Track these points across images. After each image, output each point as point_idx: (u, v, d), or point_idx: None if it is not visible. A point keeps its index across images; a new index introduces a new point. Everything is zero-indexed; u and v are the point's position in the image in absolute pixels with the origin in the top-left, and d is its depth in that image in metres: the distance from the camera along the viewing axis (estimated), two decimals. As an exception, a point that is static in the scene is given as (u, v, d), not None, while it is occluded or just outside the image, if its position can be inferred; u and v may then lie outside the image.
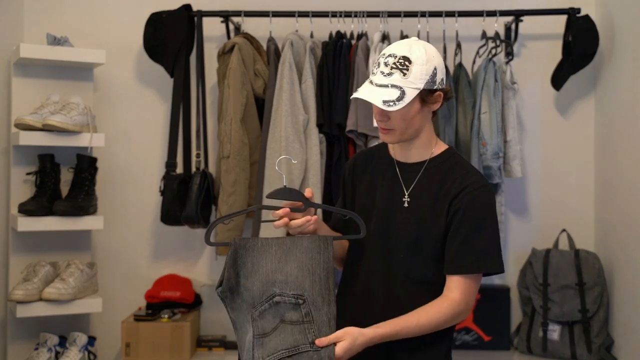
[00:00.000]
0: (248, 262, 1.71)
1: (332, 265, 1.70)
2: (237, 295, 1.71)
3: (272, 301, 1.68)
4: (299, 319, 1.66)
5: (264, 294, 1.69)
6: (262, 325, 1.68)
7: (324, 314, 1.66)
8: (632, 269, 2.60)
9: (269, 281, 1.69)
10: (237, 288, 1.71)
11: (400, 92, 1.71)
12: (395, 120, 1.76)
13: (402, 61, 1.72)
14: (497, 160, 2.72)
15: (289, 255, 1.70)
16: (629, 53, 2.69)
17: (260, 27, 2.94)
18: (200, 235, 3.07)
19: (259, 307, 1.69)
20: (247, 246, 1.71)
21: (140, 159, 3.09)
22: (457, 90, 2.78)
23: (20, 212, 2.64)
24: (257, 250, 1.71)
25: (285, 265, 1.69)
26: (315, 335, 1.64)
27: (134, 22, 2.97)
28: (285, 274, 1.68)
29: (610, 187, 2.85)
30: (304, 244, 1.71)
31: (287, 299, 1.67)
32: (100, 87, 3.06)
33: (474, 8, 2.83)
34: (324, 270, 1.69)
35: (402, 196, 1.83)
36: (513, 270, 3.03)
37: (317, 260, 1.69)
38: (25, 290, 2.58)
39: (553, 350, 2.77)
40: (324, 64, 2.76)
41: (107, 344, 2.99)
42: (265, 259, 1.70)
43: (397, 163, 1.87)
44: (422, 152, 1.85)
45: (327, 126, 2.74)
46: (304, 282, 1.67)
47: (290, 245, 1.71)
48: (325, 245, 1.71)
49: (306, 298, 1.67)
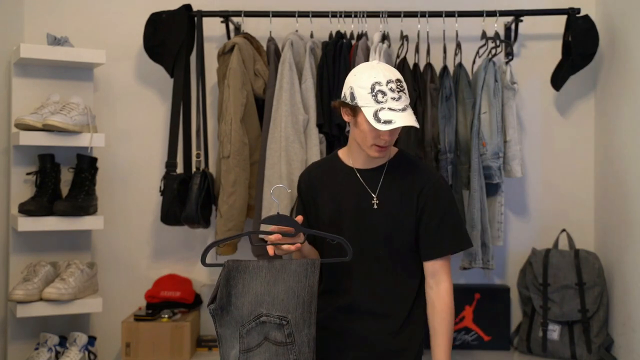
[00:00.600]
0: (239, 283, 1.85)
1: (316, 289, 1.85)
2: (227, 313, 1.85)
3: (258, 320, 1.83)
4: (282, 339, 1.82)
5: (252, 314, 1.83)
6: (248, 341, 1.83)
7: (304, 335, 1.82)
8: (632, 269, 2.60)
9: (257, 302, 1.83)
10: (228, 307, 1.84)
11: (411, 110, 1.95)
12: (393, 137, 1.97)
13: (401, 85, 1.95)
14: (497, 160, 2.72)
15: (278, 278, 1.84)
16: (629, 53, 2.69)
17: (260, 27, 2.94)
18: (200, 235, 3.08)
19: (246, 325, 1.83)
20: (239, 268, 1.86)
21: (140, 159, 3.09)
22: (457, 90, 2.78)
23: (21, 212, 2.64)
24: (248, 272, 1.85)
25: (273, 288, 1.84)
26: (296, 356, 1.81)
27: (134, 22, 2.97)
28: (272, 296, 1.83)
29: (610, 187, 2.85)
30: (292, 268, 1.85)
31: (272, 319, 1.82)
32: (100, 87, 3.06)
33: (474, 8, 2.83)
34: (308, 294, 1.83)
35: (371, 199, 2.03)
36: (513, 270, 3.03)
37: (303, 283, 1.84)
38: (26, 290, 2.59)
39: (553, 350, 2.77)
40: (324, 64, 2.76)
41: (107, 344, 3.00)
42: (256, 281, 1.85)
43: (358, 170, 2.07)
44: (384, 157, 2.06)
45: (327, 126, 2.75)
46: (289, 305, 1.82)
47: (280, 269, 1.85)
48: (312, 269, 1.85)
49: (289, 320, 1.82)
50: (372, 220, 2.02)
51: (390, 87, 1.91)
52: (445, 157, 2.72)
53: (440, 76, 2.77)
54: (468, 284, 2.98)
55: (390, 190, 2.03)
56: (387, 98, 1.90)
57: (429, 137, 2.73)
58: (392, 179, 2.04)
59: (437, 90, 2.75)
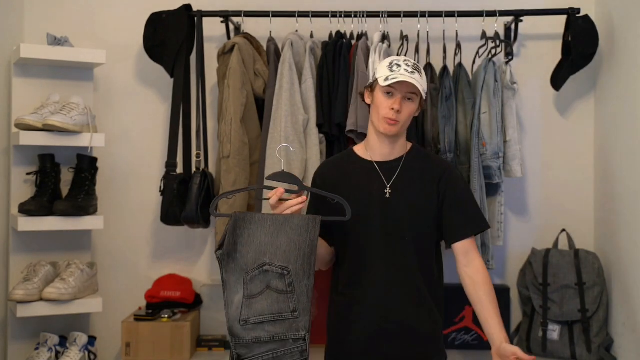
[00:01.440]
0: (245, 232, 1.95)
1: (317, 243, 1.95)
2: (233, 260, 1.95)
3: (262, 269, 1.93)
4: (283, 288, 1.92)
5: (256, 262, 1.94)
6: (251, 288, 1.93)
7: (304, 286, 1.93)
8: (632, 268, 2.60)
9: (261, 251, 1.94)
10: (234, 254, 1.94)
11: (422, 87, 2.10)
12: (404, 114, 2.10)
13: (416, 67, 2.11)
14: (497, 160, 2.72)
15: (281, 230, 1.95)
16: (628, 53, 2.69)
17: (260, 27, 2.94)
18: (200, 235, 3.08)
19: (250, 273, 1.93)
20: (245, 219, 1.97)
21: (140, 159, 3.09)
22: (457, 90, 2.79)
23: (21, 212, 2.64)
24: (254, 223, 1.96)
25: (276, 239, 1.94)
26: (295, 305, 1.92)
27: (134, 22, 2.97)
28: (275, 247, 1.94)
29: (610, 187, 2.85)
30: (295, 222, 1.96)
31: (274, 269, 1.93)
32: (101, 87, 3.06)
33: (474, 8, 2.83)
34: (309, 247, 1.93)
35: (384, 188, 2.14)
36: (513, 270, 3.03)
37: (305, 237, 1.94)
38: (26, 290, 2.59)
39: (553, 350, 2.78)
40: (324, 64, 2.76)
41: (107, 344, 3.00)
42: (260, 232, 1.95)
43: (376, 163, 2.19)
44: (400, 149, 2.20)
45: (327, 126, 2.75)
46: (290, 256, 1.93)
47: (283, 222, 1.96)
48: (314, 225, 1.95)
49: (290, 270, 1.92)
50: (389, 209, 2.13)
51: (406, 63, 2.10)
52: (445, 157, 2.72)
53: (440, 76, 2.77)
54: (468, 284, 2.98)
55: (405, 181, 2.15)
56: (402, 70, 2.08)
57: (429, 137, 2.73)
58: (408, 170, 2.17)
59: (437, 90, 2.75)
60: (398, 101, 2.08)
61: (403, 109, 2.09)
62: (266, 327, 1.92)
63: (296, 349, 1.93)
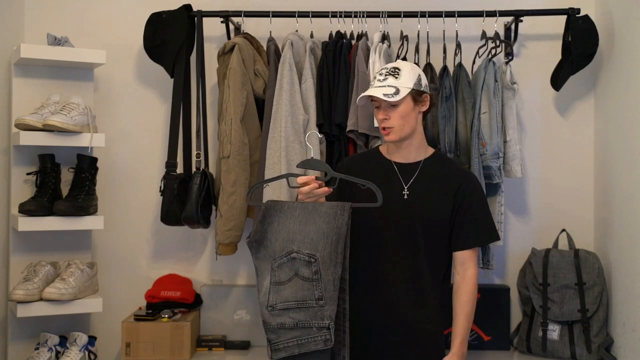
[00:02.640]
0: (275, 221, 2.01)
1: (345, 230, 1.97)
2: (262, 247, 2.01)
3: (289, 256, 1.98)
4: (310, 276, 1.95)
5: (284, 250, 1.98)
6: (279, 275, 1.97)
7: (330, 274, 1.94)
8: (632, 268, 2.60)
9: (289, 239, 1.98)
10: (263, 241, 2.01)
11: (395, 89, 2.15)
12: (394, 118, 2.16)
13: (393, 70, 2.19)
14: (497, 160, 2.72)
15: (309, 218, 1.98)
16: (628, 53, 2.69)
17: (260, 27, 2.95)
18: (200, 235, 3.08)
19: (278, 260, 1.98)
20: (276, 207, 2.02)
21: (140, 159, 3.09)
22: (457, 90, 2.78)
23: (21, 212, 2.64)
24: (283, 212, 2.01)
25: (305, 227, 1.98)
26: (321, 293, 1.93)
27: (134, 22, 2.97)
28: (303, 235, 1.97)
29: (610, 187, 2.85)
30: (323, 210, 1.99)
31: (302, 256, 1.96)
32: (101, 87, 3.06)
33: (473, 8, 2.83)
34: (336, 234, 1.96)
35: (402, 190, 2.19)
36: (513, 270, 3.03)
37: (332, 225, 1.97)
38: (26, 290, 2.59)
39: (553, 350, 2.78)
40: (324, 64, 2.76)
41: (108, 344, 3.00)
42: (290, 220, 2.00)
43: (395, 164, 2.25)
44: (418, 152, 2.26)
45: (327, 126, 2.75)
46: (318, 244, 1.96)
47: (312, 210, 2.00)
48: (342, 212, 1.98)
49: (317, 258, 1.95)
50: (406, 210, 2.18)
51: (380, 72, 2.21)
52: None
53: (440, 76, 2.77)
54: (468, 283, 2.98)
55: (423, 184, 2.21)
56: (375, 81, 2.21)
57: (429, 137, 2.72)
58: (426, 174, 2.23)
59: (437, 91, 2.75)
60: (382, 111, 2.18)
61: (390, 115, 2.17)
62: (291, 313, 1.95)
63: (320, 337, 1.94)
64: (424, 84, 2.22)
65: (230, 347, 2.91)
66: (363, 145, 2.74)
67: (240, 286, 3.04)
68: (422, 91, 2.20)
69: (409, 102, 2.17)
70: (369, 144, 2.71)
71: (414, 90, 2.18)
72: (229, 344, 2.92)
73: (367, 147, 2.71)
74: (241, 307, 2.98)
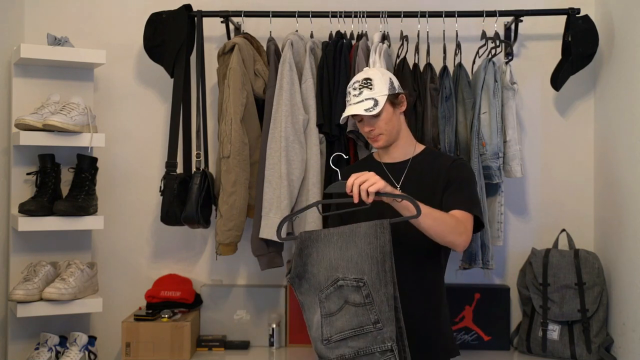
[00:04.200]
0: (313, 252, 1.94)
1: (389, 247, 1.88)
2: (305, 281, 1.95)
3: (336, 285, 1.91)
4: (361, 300, 1.87)
5: (329, 279, 1.92)
6: (329, 306, 1.91)
7: (382, 295, 1.87)
8: (632, 268, 2.60)
9: (332, 267, 1.92)
10: (305, 275, 1.94)
11: (373, 101, 2.17)
12: (380, 126, 2.20)
13: (365, 82, 2.20)
14: (497, 160, 2.72)
15: (349, 242, 1.91)
16: (628, 53, 2.69)
17: (260, 27, 2.95)
18: (200, 235, 3.08)
19: (325, 291, 1.92)
20: (312, 238, 1.95)
21: (140, 159, 3.09)
22: (456, 90, 2.78)
23: (21, 212, 2.64)
24: (321, 241, 1.94)
25: (346, 252, 1.91)
26: (377, 316, 1.86)
27: (134, 22, 2.97)
28: (346, 260, 1.90)
29: (610, 187, 2.85)
30: (361, 231, 1.91)
31: (349, 282, 1.89)
32: (101, 87, 3.06)
33: (473, 8, 2.83)
34: (381, 253, 1.88)
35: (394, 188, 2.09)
36: (513, 270, 3.03)
37: (374, 244, 1.89)
38: (26, 290, 2.59)
39: (553, 350, 2.78)
40: (324, 64, 2.76)
41: (108, 344, 3.00)
42: (329, 248, 1.93)
43: (384, 164, 2.28)
44: (406, 150, 2.28)
45: (327, 126, 2.75)
46: (364, 266, 1.89)
47: (350, 234, 1.92)
48: (382, 230, 1.89)
49: (366, 281, 1.88)
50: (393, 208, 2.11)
51: (353, 87, 2.22)
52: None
53: (440, 76, 2.77)
54: (468, 284, 2.98)
55: (413, 181, 2.21)
56: (351, 97, 2.22)
57: (429, 137, 2.73)
58: (416, 170, 2.23)
59: (437, 91, 2.75)
60: (366, 124, 2.22)
61: (375, 125, 2.20)
62: (349, 342, 1.88)
63: None
64: (396, 86, 2.25)
65: (230, 347, 2.91)
66: (363, 145, 2.74)
67: (240, 286, 3.04)
68: (397, 93, 2.23)
69: (388, 108, 2.20)
70: (369, 145, 2.71)
71: (390, 95, 2.20)
72: (229, 344, 2.92)
73: (368, 147, 2.71)
74: (241, 307, 2.98)
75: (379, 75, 2.22)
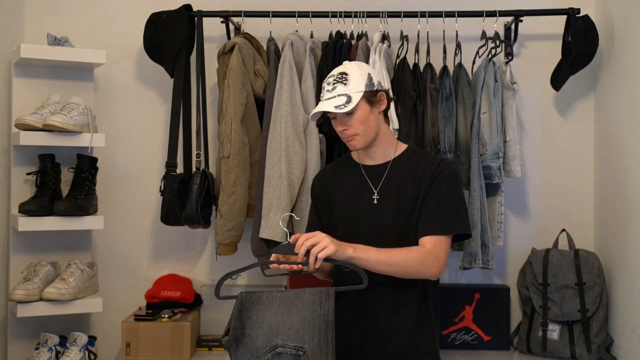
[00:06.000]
0: (253, 314, 1.83)
1: (332, 317, 1.80)
2: (242, 344, 1.82)
3: (274, 352, 1.80)
4: None
5: (267, 345, 1.80)
6: None
7: None
8: (632, 268, 2.60)
9: (272, 332, 1.81)
10: (242, 338, 1.82)
11: (346, 97, 1.99)
12: (354, 125, 2.01)
13: (340, 76, 2.03)
14: (497, 160, 2.72)
15: (292, 307, 1.81)
16: (628, 53, 2.69)
17: (260, 27, 2.94)
18: (200, 235, 3.08)
19: (262, 357, 1.81)
20: (252, 299, 1.84)
21: (140, 159, 3.09)
22: (457, 90, 2.79)
23: (21, 212, 2.64)
24: (262, 303, 1.83)
25: (287, 318, 1.81)
26: None
27: (134, 22, 2.97)
28: (287, 326, 1.80)
29: (610, 187, 2.85)
30: (306, 297, 1.82)
31: (288, 350, 1.79)
32: (101, 87, 3.06)
33: (473, 8, 2.83)
34: (324, 322, 1.79)
35: (372, 194, 2.06)
36: (513, 270, 3.03)
37: (318, 312, 1.80)
38: (26, 290, 2.59)
39: (553, 350, 2.78)
40: (324, 64, 2.76)
41: (108, 344, 3.00)
42: (270, 312, 1.82)
43: (363, 167, 2.12)
44: (385, 152, 2.10)
45: (327, 126, 2.74)
46: (305, 334, 1.79)
47: (293, 298, 1.82)
48: (327, 297, 1.81)
49: (306, 350, 1.79)
50: (376, 216, 2.04)
51: (328, 82, 2.04)
52: (445, 157, 2.72)
53: (440, 76, 2.77)
54: (468, 284, 2.98)
55: (392, 186, 2.06)
56: (324, 92, 2.04)
57: (429, 137, 2.73)
58: (396, 173, 2.07)
59: (437, 90, 2.75)
60: (339, 121, 2.04)
61: (349, 124, 2.01)
62: None
63: None
64: (376, 82, 2.04)
65: (230, 347, 2.91)
66: (363, 145, 2.74)
67: (241, 286, 3.03)
68: (375, 90, 2.03)
69: (364, 106, 2.01)
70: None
71: (367, 92, 2.01)
72: (229, 344, 2.92)
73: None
74: (241, 307, 2.98)
75: (356, 70, 2.03)
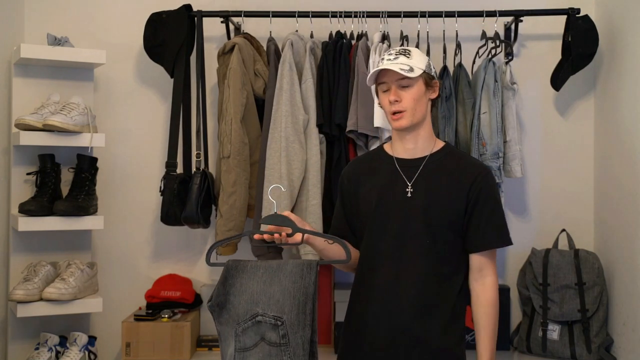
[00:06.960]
0: (237, 282, 1.87)
1: (313, 290, 1.84)
2: (225, 310, 1.86)
3: (254, 320, 1.84)
4: (277, 340, 1.82)
5: (248, 313, 1.84)
6: (244, 340, 1.85)
7: (299, 337, 1.81)
8: (632, 268, 2.60)
9: (253, 301, 1.85)
10: (225, 304, 1.86)
11: (409, 67, 1.97)
12: (407, 100, 1.98)
13: (403, 50, 2.02)
14: (497, 160, 2.72)
15: (274, 278, 1.85)
16: (629, 53, 2.69)
17: (260, 27, 2.95)
18: (200, 235, 3.07)
19: (242, 324, 1.85)
20: (238, 267, 1.89)
21: (140, 159, 3.09)
22: (457, 90, 2.79)
23: (21, 212, 2.64)
24: (246, 272, 1.88)
25: (269, 288, 1.85)
26: (290, 358, 1.81)
27: (134, 22, 2.97)
28: (268, 296, 1.84)
29: (610, 187, 2.85)
30: (288, 268, 1.87)
31: (267, 319, 1.83)
32: (101, 87, 3.06)
33: (474, 8, 2.83)
34: (303, 295, 1.82)
35: (406, 187, 2.02)
36: (513, 270, 3.03)
37: (299, 284, 1.84)
38: (26, 290, 2.59)
39: (553, 350, 2.78)
40: (324, 64, 2.76)
41: (108, 344, 3.00)
42: (253, 280, 1.86)
43: (397, 160, 2.07)
44: (425, 145, 2.06)
45: (327, 126, 2.75)
46: (284, 305, 1.82)
47: (277, 269, 1.87)
48: (309, 270, 1.85)
49: (284, 321, 1.82)
50: (409, 209, 2.00)
51: (389, 52, 2.03)
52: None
53: (440, 76, 2.77)
54: (468, 283, 2.98)
55: (429, 181, 2.02)
56: (385, 58, 2.02)
57: (429, 137, 2.73)
58: (433, 169, 2.04)
59: (437, 90, 2.75)
60: (393, 92, 1.99)
61: (402, 97, 1.98)
62: None
63: None
64: (433, 70, 2.06)
65: (230, 347, 2.91)
66: (363, 145, 2.74)
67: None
68: (432, 76, 2.04)
69: (421, 85, 2.00)
70: (369, 145, 2.71)
71: (426, 73, 2.01)
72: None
73: (367, 147, 2.71)
74: (241, 307, 2.98)
75: (418, 52, 2.04)
